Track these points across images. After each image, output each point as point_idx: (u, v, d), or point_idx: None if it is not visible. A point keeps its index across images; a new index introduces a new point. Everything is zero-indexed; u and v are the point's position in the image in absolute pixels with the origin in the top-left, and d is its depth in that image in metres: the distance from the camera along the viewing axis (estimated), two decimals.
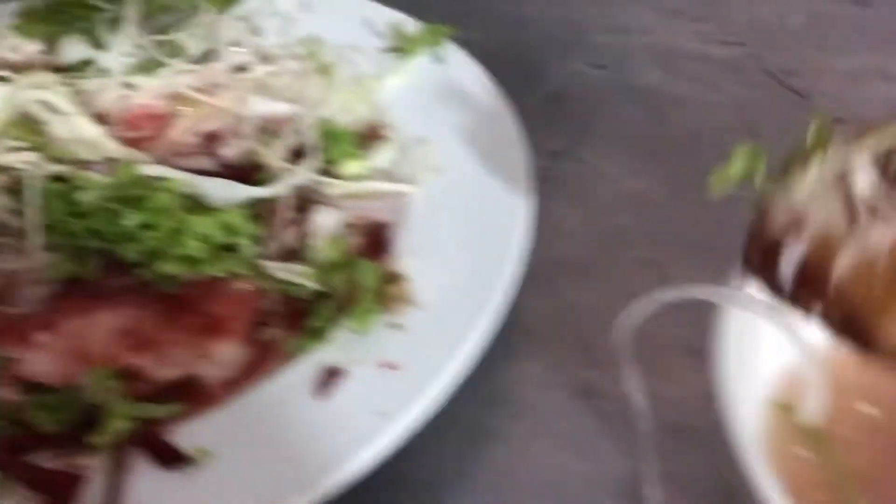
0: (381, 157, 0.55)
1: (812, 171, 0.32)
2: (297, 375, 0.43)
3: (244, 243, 0.48)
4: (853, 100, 0.71)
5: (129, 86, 0.59)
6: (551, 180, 0.64)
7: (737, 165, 0.34)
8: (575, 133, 0.68)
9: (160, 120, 0.59)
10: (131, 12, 0.60)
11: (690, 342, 0.44)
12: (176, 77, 0.59)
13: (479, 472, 0.47)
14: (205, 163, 0.53)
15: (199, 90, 0.59)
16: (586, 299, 0.55)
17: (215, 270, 0.46)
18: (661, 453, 0.45)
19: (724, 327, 0.37)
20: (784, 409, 0.38)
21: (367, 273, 0.45)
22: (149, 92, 0.59)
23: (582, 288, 0.56)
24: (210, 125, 0.57)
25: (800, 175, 0.33)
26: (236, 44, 0.61)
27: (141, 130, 0.58)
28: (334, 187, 0.52)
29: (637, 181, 0.65)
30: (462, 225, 0.50)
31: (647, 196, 0.63)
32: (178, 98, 0.59)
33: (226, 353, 0.45)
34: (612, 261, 0.58)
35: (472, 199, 0.52)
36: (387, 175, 0.54)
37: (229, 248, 0.48)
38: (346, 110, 0.58)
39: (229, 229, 0.47)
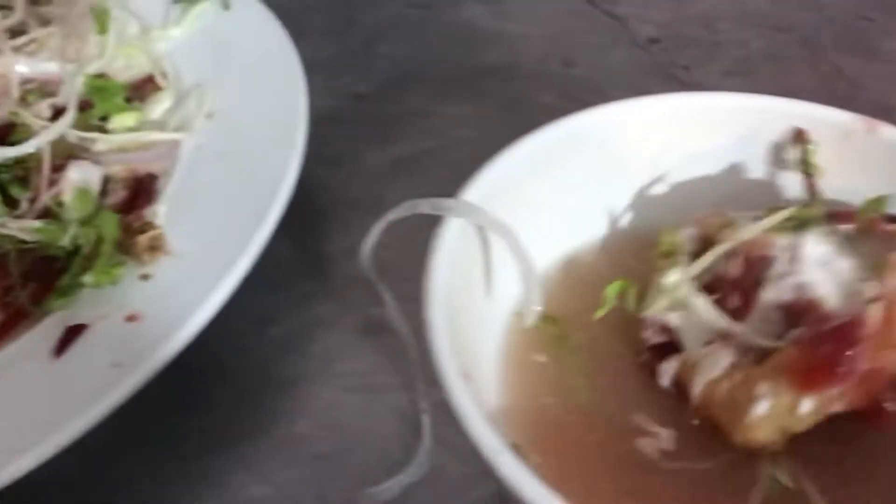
0: (156, 107, 0.53)
1: (665, 294, 0.37)
2: (37, 336, 0.41)
3: None
4: (673, 20, 0.71)
5: None
6: (357, 123, 0.63)
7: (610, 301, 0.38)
8: (388, 74, 0.67)
9: None
10: None
11: None
12: None
13: (267, 420, 0.45)
14: None
15: None
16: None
17: None
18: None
19: (443, 238, 0.35)
20: (518, 316, 0.37)
21: (109, 225, 0.42)
22: None
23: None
24: None
25: (659, 294, 0.37)
26: (9, 7, 0.58)
27: None
28: (100, 142, 0.50)
29: (448, 118, 0.64)
30: (230, 171, 0.48)
31: (459, 132, 0.62)
32: None
33: None
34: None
35: (244, 145, 0.49)
36: (160, 125, 0.52)
37: None
38: (126, 65, 0.56)
39: None
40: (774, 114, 0.42)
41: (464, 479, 0.42)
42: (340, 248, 0.53)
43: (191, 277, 0.42)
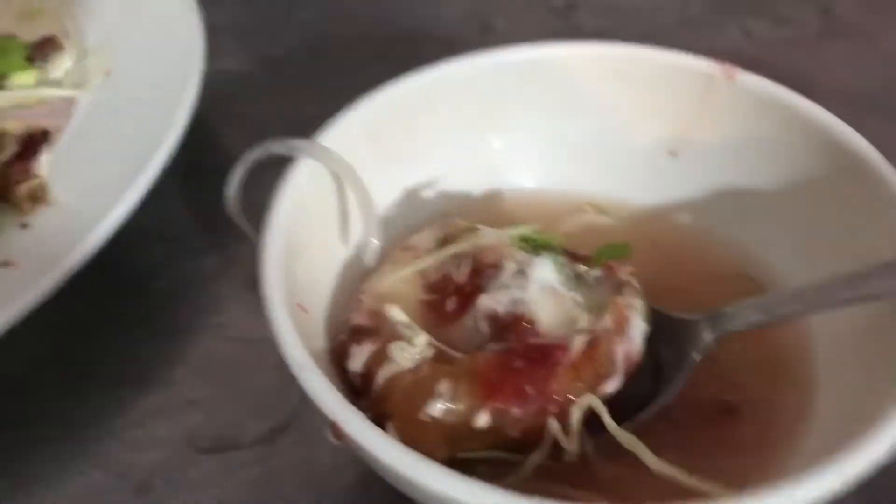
0: (58, 66, 0.54)
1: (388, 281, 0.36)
2: None
3: None
4: None
5: None
6: (267, 85, 0.63)
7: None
8: (303, 39, 0.67)
9: None
10: None
11: None
12: None
13: (145, 368, 0.46)
14: None
15: None
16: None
17: None
18: None
19: (290, 178, 0.36)
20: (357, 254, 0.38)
21: None
22: None
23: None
24: None
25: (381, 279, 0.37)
26: None
27: None
28: None
29: (358, 81, 0.64)
30: (122, 128, 0.49)
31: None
32: None
33: None
34: None
35: (137, 102, 0.50)
36: (59, 83, 0.53)
37: None
38: (32, 24, 0.56)
39: None
40: (644, 61, 0.43)
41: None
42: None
43: (68, 226, 0.43)
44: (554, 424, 0.31)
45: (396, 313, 0.34)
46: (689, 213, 0.42)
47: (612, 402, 0.33)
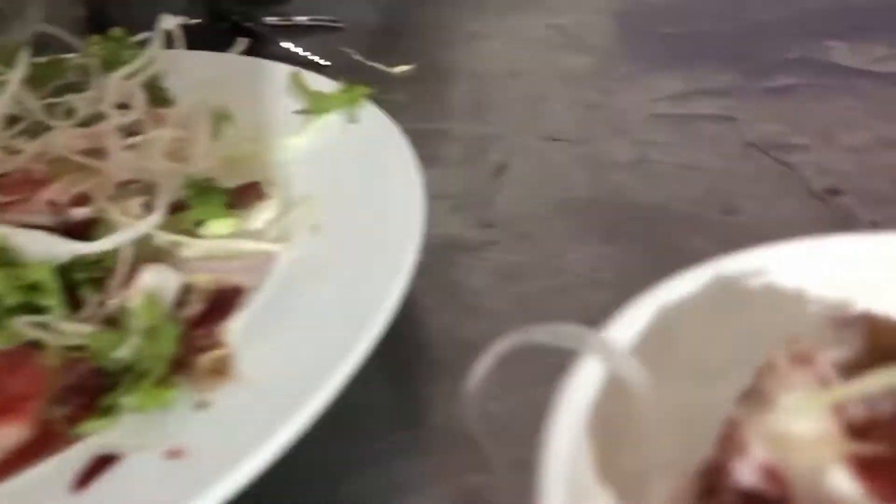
0: (258, 216, 0.47)
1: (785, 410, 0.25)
2: (61, 464, 0.34)
3: (52, 304, 0.39)
4: (853, 172, 0.61)
5: (8, 149, 0.54)
6: (480, 255, 0.55)
7: None
8: (519, 205, 0.60)
9: (36, 184, 0.53)
10: (17, 75, 0.55)
11: None
12: (58, 139, 0.53)
13: None
14: (46, 219, 0.46)
15: (81, 152, 0.53)
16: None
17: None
18: None
19: (571, 388, 0.26)
20: None
21: (165, 337, 0.36)
22: (29, 155, 0.53)
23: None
24: (82, 186, 0.51)
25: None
26: (126, 106, 0.55)
27: (14, 194, 0.52)
28: (188, 247, 0.44)
29: (587, 259, 0.55)
30: (325, 293, 0.41)
31: (597, 275, 0.53)
32: (58, 161, 0.53)
33: (5, 437, 0.37)
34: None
35: (345, 265, 0.43)
36: (258, 235, 0.46)
37: (35, 310, 0.40)
38: (235, 170, 0.51)
39: (31, 288, 0.39)
40: None
41: None
42: (440, 395, 0.45)
43: (254, 410, 0.35)
44: None
45: (841, 481, 0.21)
46: None
47: None
